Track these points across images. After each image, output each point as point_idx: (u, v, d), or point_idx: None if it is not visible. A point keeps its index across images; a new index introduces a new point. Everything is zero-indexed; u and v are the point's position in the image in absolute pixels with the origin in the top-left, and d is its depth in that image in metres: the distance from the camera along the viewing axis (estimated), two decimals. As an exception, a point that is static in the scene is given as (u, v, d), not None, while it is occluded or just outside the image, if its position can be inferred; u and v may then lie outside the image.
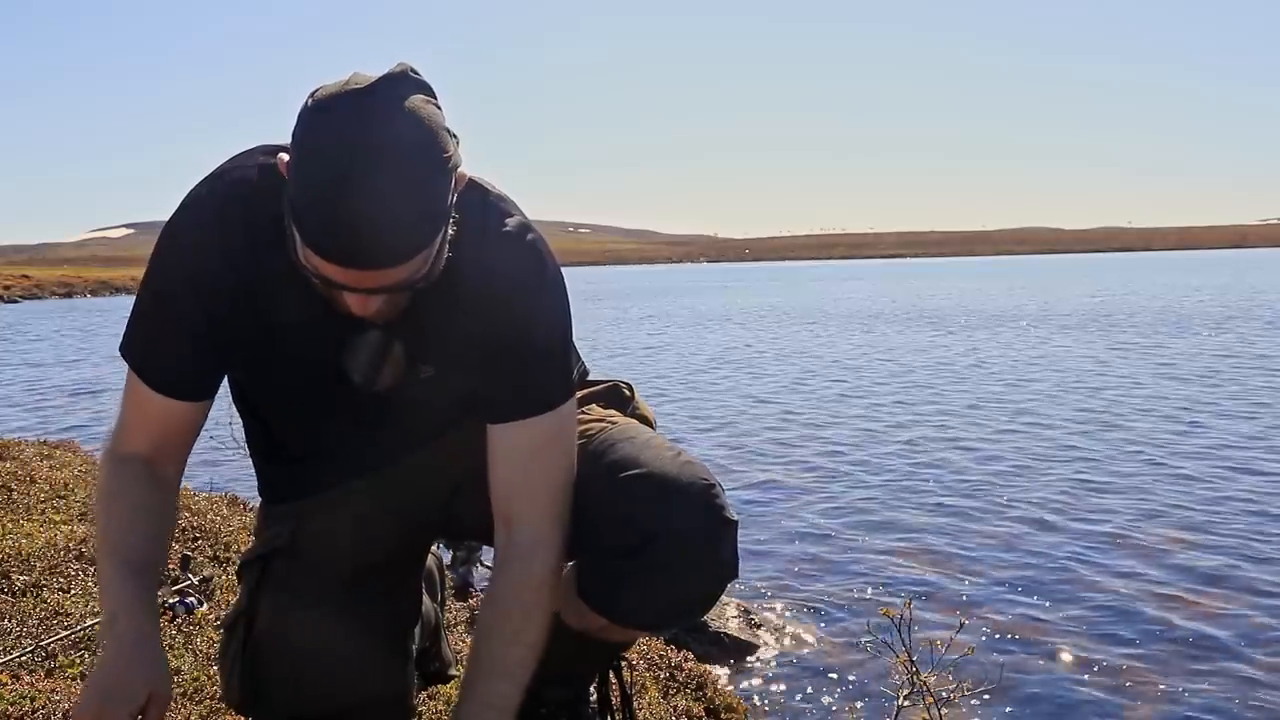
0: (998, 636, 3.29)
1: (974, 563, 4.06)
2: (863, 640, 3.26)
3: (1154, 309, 20.51)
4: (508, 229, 1.27)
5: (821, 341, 15.56)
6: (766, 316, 22.80)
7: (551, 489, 1.29)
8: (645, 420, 1.51)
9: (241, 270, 1.22)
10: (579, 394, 1.41)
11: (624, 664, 1.67)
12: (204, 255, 1.23)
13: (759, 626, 3.38)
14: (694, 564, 1.28)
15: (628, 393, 1.54)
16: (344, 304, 1.14)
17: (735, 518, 1.31)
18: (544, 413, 1.28)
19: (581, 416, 1.40)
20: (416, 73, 1.10)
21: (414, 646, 1.52)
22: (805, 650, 3.26)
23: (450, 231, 1.14)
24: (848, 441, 6.88)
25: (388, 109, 1.04)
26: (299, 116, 1.08)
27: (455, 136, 1.13)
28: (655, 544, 1.25)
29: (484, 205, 1.27)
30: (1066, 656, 3.13)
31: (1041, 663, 3.08)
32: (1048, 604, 3.57)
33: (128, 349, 1.29)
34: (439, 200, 1.08)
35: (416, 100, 1.07)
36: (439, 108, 1.11)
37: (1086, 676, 2.98)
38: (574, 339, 1.36)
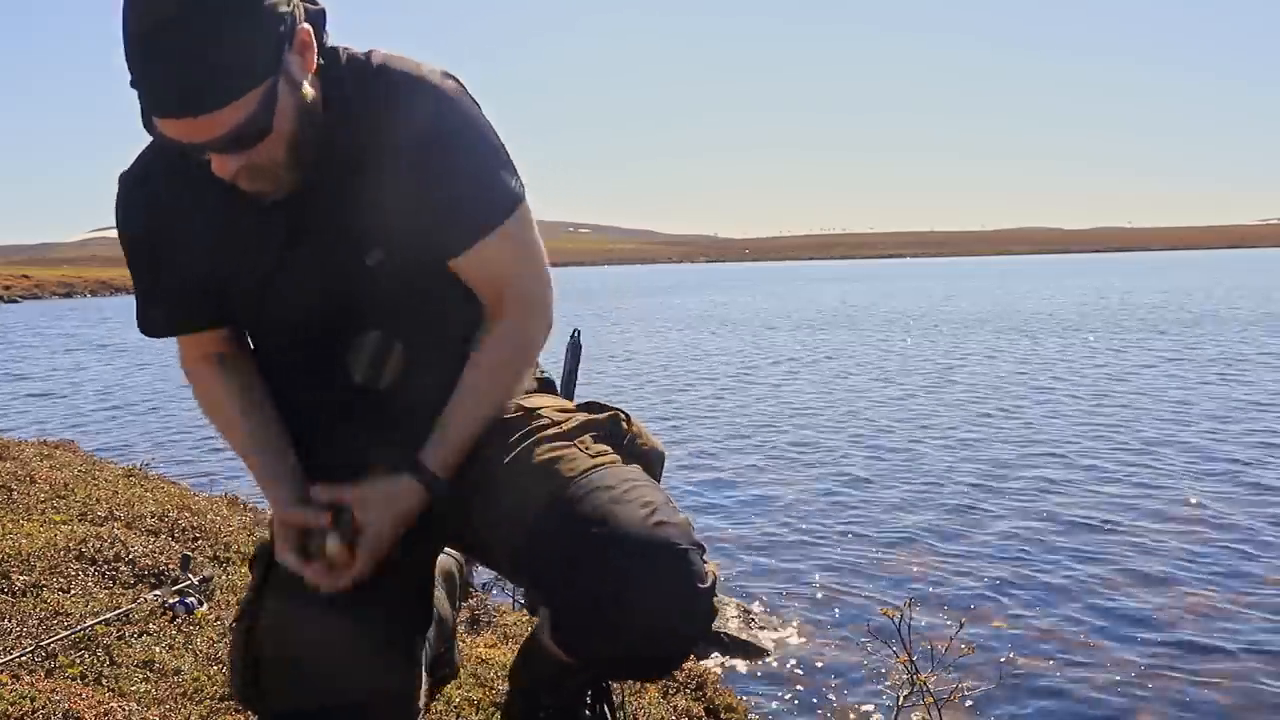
0: (998, 636, 3.29)
1: (973, 563, 4.07)
2: (863, 640, 3.26)
3: (1158, 311, 20.51)
4: (405, 70, 1.30)
5: (819, 343, 15.56)
6: (763, 317, 22.80)
7: (526, 278, 1.38)
8: (646, 453, 1.45)
9: (177, 208, 1.33)
10: (579, 419, 1.40)
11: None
12: (141, 212, 1.36)
13: (759, 627, 3.38)
14: (654, 630, 1.23)
15: (625, 425, 1.47)
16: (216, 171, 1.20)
17: (707, 584, 1.24)
18: (499, 225, 1.32)
19: (572, 452, 1.35)
20: None
21: (426, 650, 1.49)
22: (805, 650, 3.26)
23: (308, 89, 1.21)
24: (846, 443, 6.89)
25: None
26: None
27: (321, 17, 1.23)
28: (615, 609, 1.22)
29: (379, 67, 1.30)
30: (1066, 656, 3.13)
31: (1041, 663, 3.09)
32: (1047, 604, 3.58)
33: (141, 320, 1.43)
34: (246, 45, 1.13)
35: None
36: None
37: (1086, 676, 2.98)
38: (508, 155, 1.35)
